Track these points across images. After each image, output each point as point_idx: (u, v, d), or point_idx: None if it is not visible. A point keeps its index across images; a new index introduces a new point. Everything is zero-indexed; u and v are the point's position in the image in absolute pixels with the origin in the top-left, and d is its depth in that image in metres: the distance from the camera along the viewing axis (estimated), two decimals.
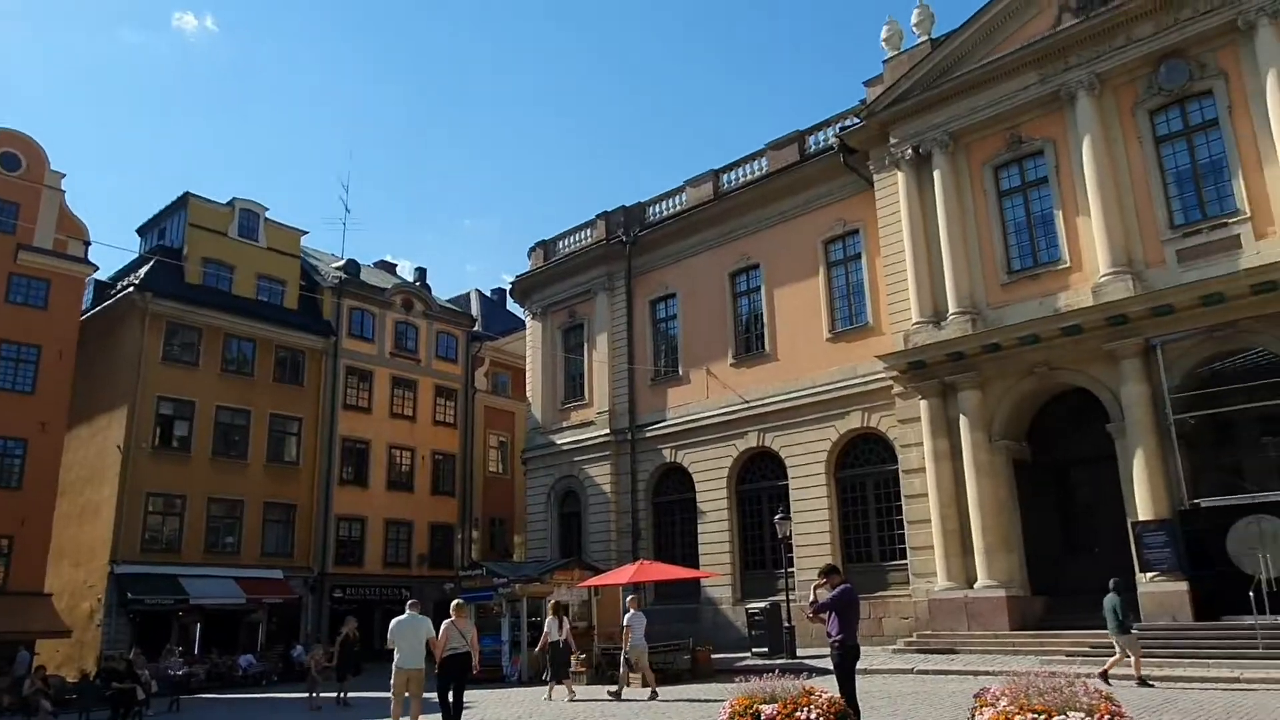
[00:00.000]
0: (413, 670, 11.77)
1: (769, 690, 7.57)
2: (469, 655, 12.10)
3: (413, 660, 11.78)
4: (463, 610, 12.26)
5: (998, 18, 20.99)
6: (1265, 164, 17.21)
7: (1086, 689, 7.04)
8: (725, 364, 26.89)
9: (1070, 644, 17.39)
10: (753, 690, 7.68)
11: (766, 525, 24.51)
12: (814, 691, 7.66)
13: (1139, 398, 17.92)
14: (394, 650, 11.95)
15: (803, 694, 7.48)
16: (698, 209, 28.27)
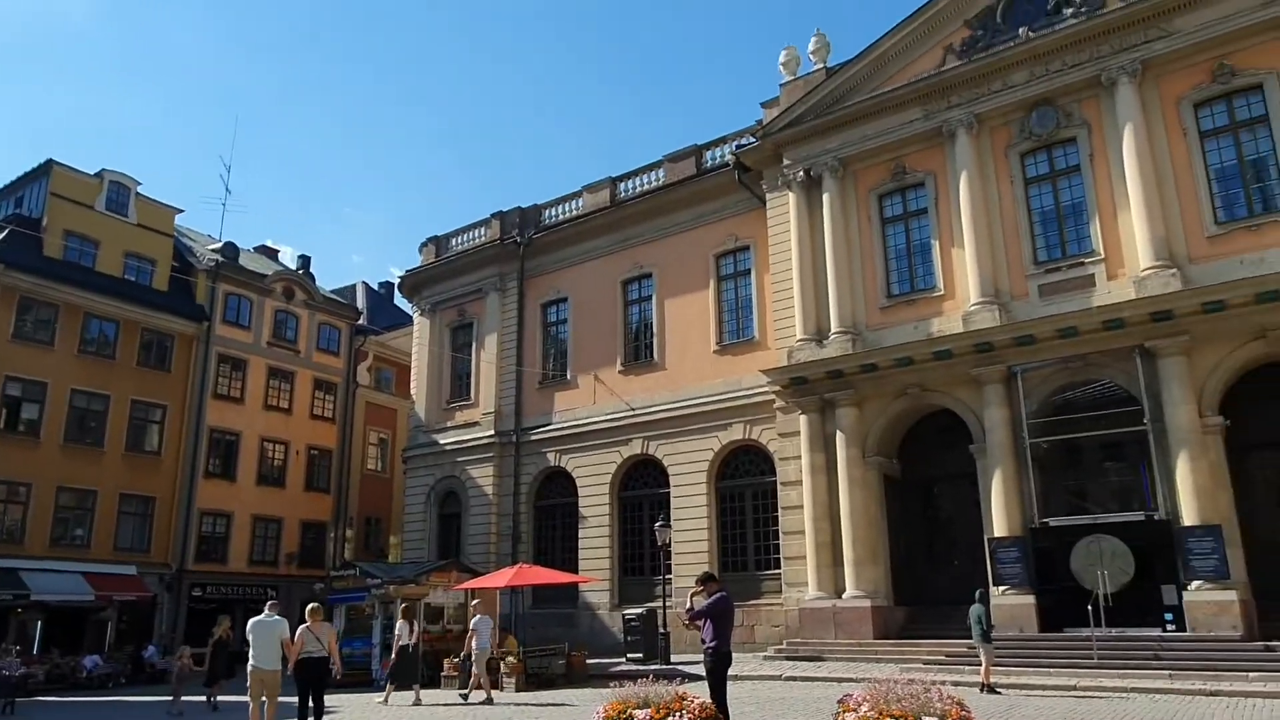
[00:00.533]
0: (268, 672, 11.48)
1: (642, 695, 7.69)
2: (326, 659, 11.85)
3: (268, 662, 11.49)
4: (318, 613, 12.04)
5: (888, 53, 22.00)
6: (1119, 210, 18.63)
7: (941, 695, 7.47)
8: (614, 371, 27.09)
9: (928, 652, 18.30)
10: (626, 695, 7.79)
11: (647, 532, 24.79)
12: (686, 697, 7.83)
13: (1000, 421, 19.04)
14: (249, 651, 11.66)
15: (675, 699, 7.64)
16: (594, 215, 28.42)
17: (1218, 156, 18.20)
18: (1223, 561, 16.22)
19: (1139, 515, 17.73)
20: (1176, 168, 18.27)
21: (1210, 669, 14.91)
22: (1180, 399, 17.08)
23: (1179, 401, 17.08)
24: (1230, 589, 16.06)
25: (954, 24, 21.26)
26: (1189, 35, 18.26)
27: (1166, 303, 17.23)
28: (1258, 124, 17.83)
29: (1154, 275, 17.68)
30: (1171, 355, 17.31)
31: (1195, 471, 16.73)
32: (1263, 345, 16.84)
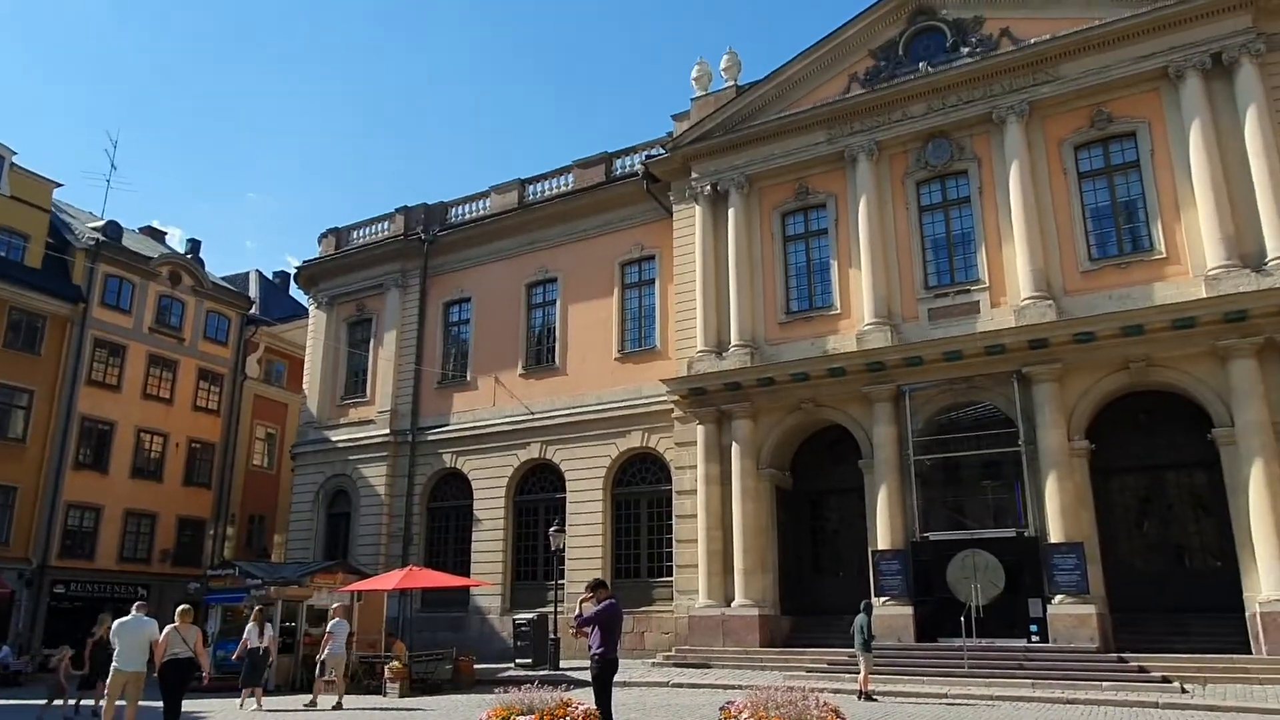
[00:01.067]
0: (132, 673, 11.20)
1: (526, 701, 7.69)
2: (192, 662, 11.64)
3: (132, 663, 11.20)
4: (188, 615, 11.90)
5: (796, 76, 22.63)
6: (1004, 242, 19.64)
7: (818, 703, 7.74)
8: (514, 373, 26.92)
9: (811, 660, 18.83)
10: (510, 701, 7.77)
11: (541, 537, 24.69)
12: (571, 703, 7.86)
13: (887, 438, 19.77)
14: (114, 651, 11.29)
15: (559, 705, 7.66)
16: (501, 216, 28.22)
17: (1094, 197, 19.42)
18: (1083, 577, 17.24)
19: (1010, 532, 18.69)
20: (1056, 205, 19.39)
21: (1069, 678, 15.81)
22: (1051, 423, 18.10)
23: (1050, 425, 18.10)
24: (1089, 603, 17.08)
25: (859, 53, 22.04)
26: (1072, 81, 19.43)
27: (1042, 331, 18.25)
28: (1130, 169, 19.10)
29: (1032, 305, 18.70)
30: (1045, 381, 18.33)
31: (1062, 492, 17.74)
32: (1126, 375, 18.01)
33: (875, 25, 21.88)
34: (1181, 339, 17.30)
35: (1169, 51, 18.45)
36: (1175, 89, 18.42)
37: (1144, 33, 18.74)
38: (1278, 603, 15.61)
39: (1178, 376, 17.62)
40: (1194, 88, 18.06)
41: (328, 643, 17.17)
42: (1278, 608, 15.58)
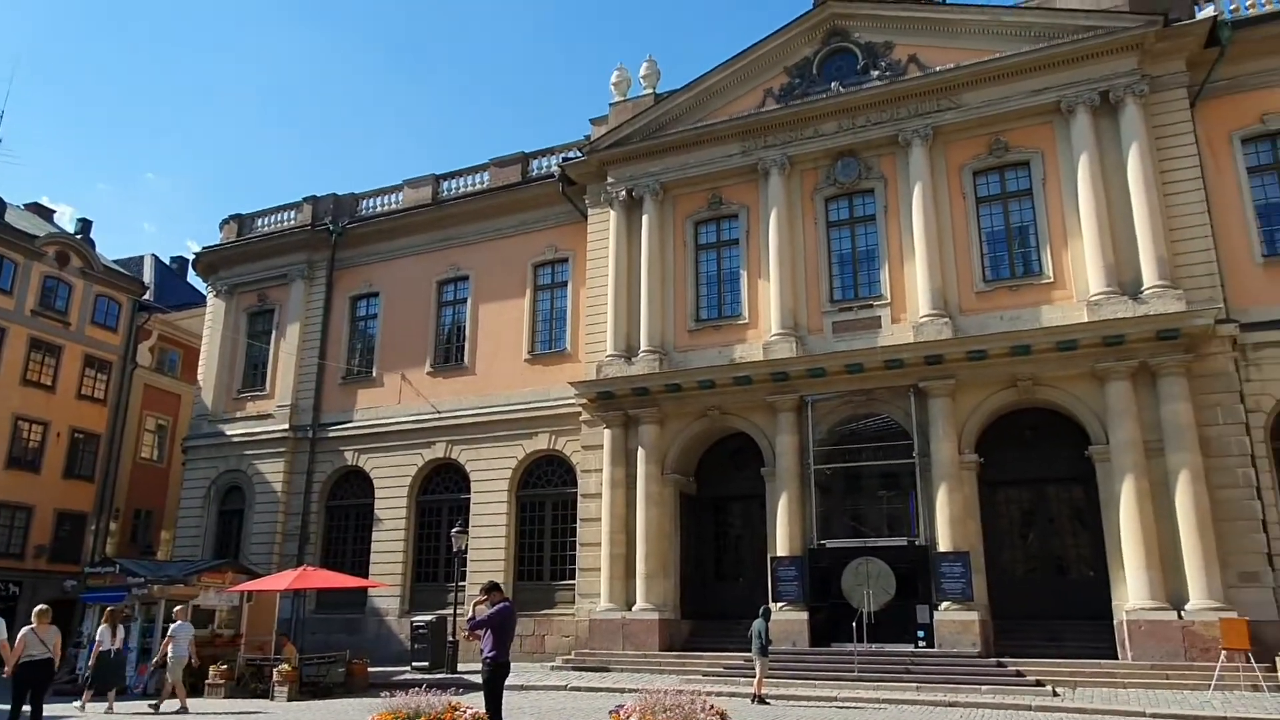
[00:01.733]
0: None
1: (413, 706, 7.60)
2: (50, 663, 11.22)
3: None
4: (45, 616, 11.59)
5: (714, 88, 22.97)
6: (905, 260, 20.34)
7: (705, 705, 7.88)
8: (422, 371, 26.51)
9: (708, 664, 19.08)
10: (397, 705, 7.66)
11: (444, 538, 24.37)
12: (459, 707, 7.81)
13: (789, 447, 20.22)
14: None
15: (447, 709, 7.60)
16: (414, 211, 27.78)
17: (990, 221, 20.28)
18: (968, 585, 17.97)
19: (903, 541, 19.34)
20: (955, 227, 20.18)
21: (952, 682, 16.46)
22: (944, 436, 18.82)
23: (943, 438, 18.81)
24: (973, 610, 17.81)
25: (775, 69, 22.51)
26: (974, 110, 20.28)
27: (938, 348, 18.96)
28: (1024, 196, 20.02)
29: (930, 322, 19.41)
30: (940, 396, 19.05)
31: (952, 503, 18.46)
32: (1014, 393, 18.87)
33: (791, 43, 22.39)
34: (1064, 360, 18.22)
35: (1062, 87, 19.43)
36: (1067, 123, 19.41)
37: (1039, 68, 19.69)
38: (1142, 611, 16.56)
39: (1060, 395, 18.55)
40: (1083, 123, 19.06)
41: (168, 645, 16.60)
42: (1142, 616, 16.53)
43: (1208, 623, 15.90)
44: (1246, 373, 17.52)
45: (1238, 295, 17.86)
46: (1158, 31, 18.65)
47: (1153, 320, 17.34)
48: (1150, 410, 17.52)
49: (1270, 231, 18.33)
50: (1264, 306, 17.70)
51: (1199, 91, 18.94)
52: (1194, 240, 18.15)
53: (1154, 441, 17.31)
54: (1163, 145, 18.74)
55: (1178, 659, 16.01)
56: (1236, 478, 16.91)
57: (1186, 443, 16.92)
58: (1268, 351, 17.47)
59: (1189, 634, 16.08)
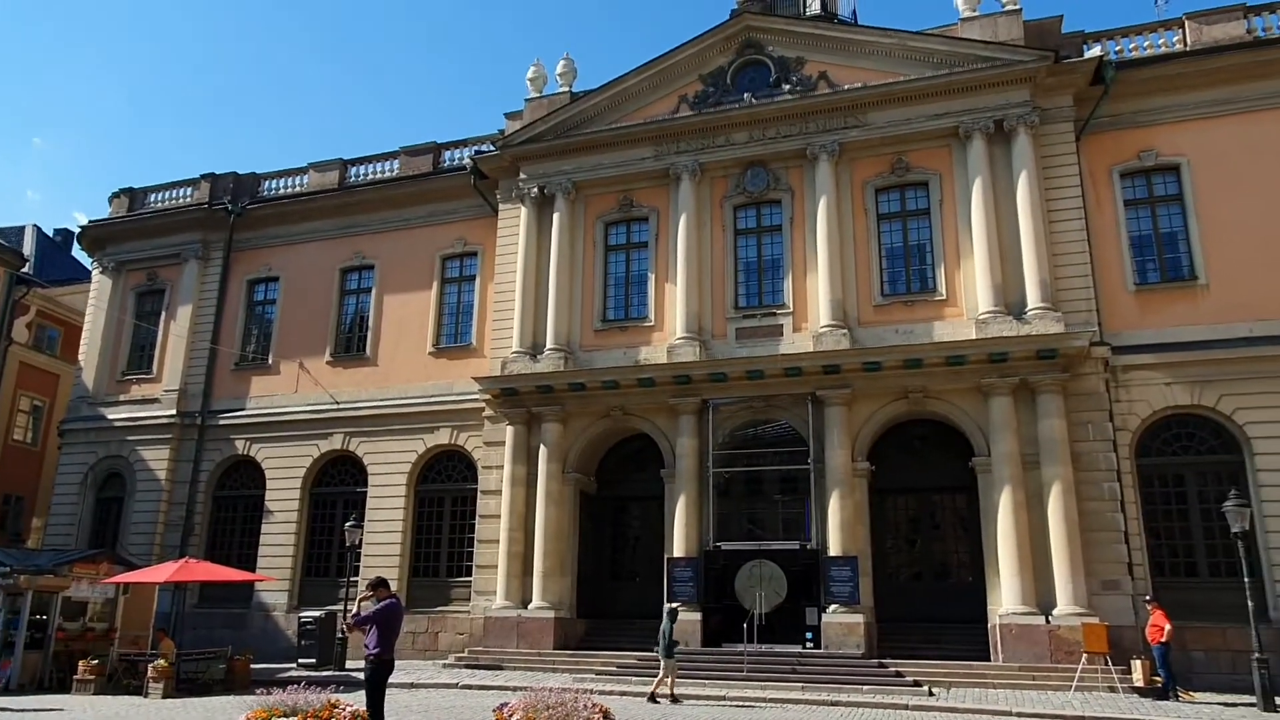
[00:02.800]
0: None
1: (290, 703, 7.45)
2: None
3: None
4: None
5: (629, 90, 23.12)
6: (808, 271, 20.89)
7: (590, 704, 7.96)
8: (321, 360, 25.85)
9: (601, 663, 19.21)
10: (273, 703, 7.49)
11: (337, 532, 23.82)
12: (339, 704, 7.69)
13: (690, 450, 20.52)
14: None
15: (326, 707, 7.48)
16: (319, 195, 27.07)
17: (889, 237, 21.02)
18: (856, 589, 18.59)
19: (795, 544, 19.86)
20: (857, 241, 20.83)
21: (835, 682, 17.01)
22: (839, 444, 19.42)
23: (837, 446, 19.41)
24: (859, 613, 18.44)
25: (690, 76, 22.80)
26: (878, 129, 20.98)
27: (836, 358, 19.55)
28: (922, 215, 20.83)
29: (829, 332, 20.00)
30: (836, 405, 19.65)
31: (843, 509, 19.07)
32: (905, 404, 19.61)
33: (707, 52, 22.72)
34: (953, 374, 19.04)
35: (960, 113, 20.29)
36: (964, 147, 20.27)
37: (940, 94, 20.52)
38: (1014, 616, 17.45)
39: (948, 408, 19.37)
40: (979, 149, 19.95)
41: None
42: (1013, 620, 17.42)
43: (1072, 627, 16.87)
44: (1116, 393, 18.64)
45: (1111, 320, 19.00)
46: (1049, 67, 19.69)
47: (1034, 340, 18.29)
48: (1029, 425, 18.46)
49: (1142, 262, 19.56)
50: (1134, 331, 18.88)
51: (1084, 126, 20.07)
52: (1074, 266, 19.23)
53: (1031, 455, 18.26)
54: (1050, 175, 19.78)
55: (1044, 661, 16.94)
56: (1103, 491, 17.99)
57: (1059, 457, 17.90)
58: (1136, 374, 18.64)
59: (1055, 638, 17.02)
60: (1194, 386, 18.27)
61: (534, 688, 8.42)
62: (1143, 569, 17.77)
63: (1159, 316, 18.91)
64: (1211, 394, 18.15)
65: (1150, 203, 19.88)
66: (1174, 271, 19.30)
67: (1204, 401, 18.21)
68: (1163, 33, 20.66)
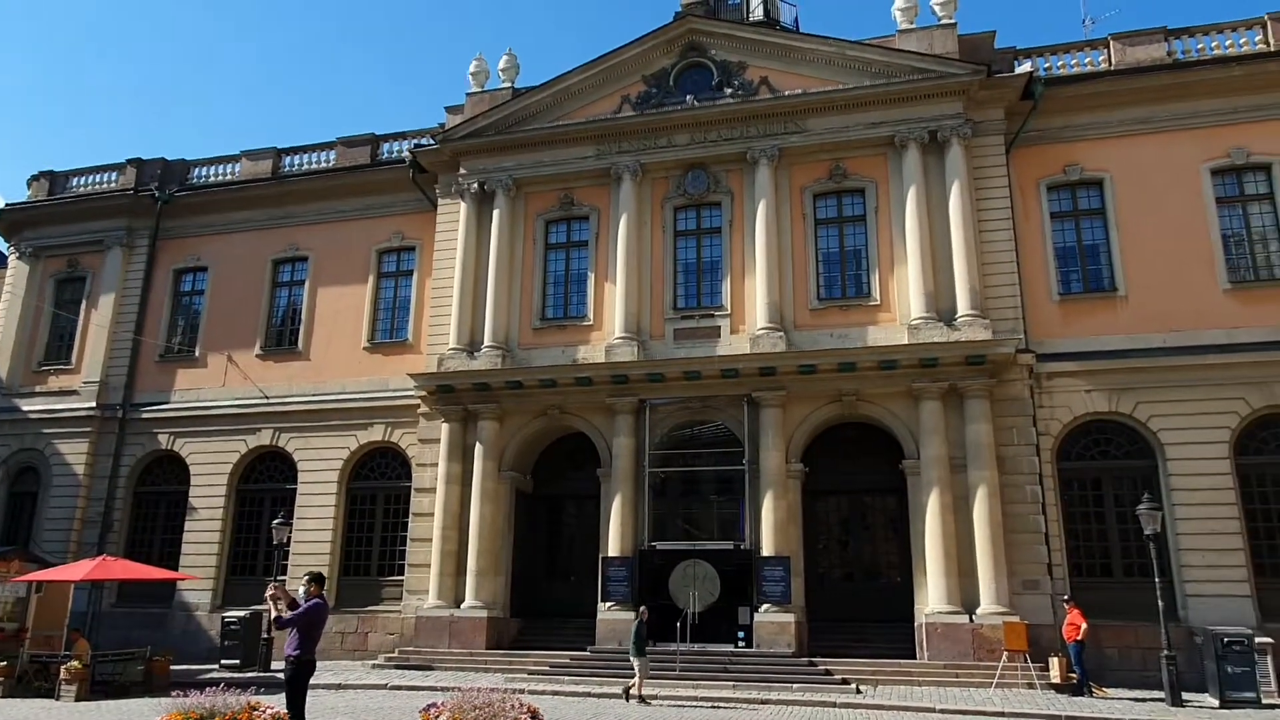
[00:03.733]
0: None
1: (208, 705, 7.25)
2: None
3: None
4: None
5: (572, 88, 23.06)
6: (747, 274, 21.10)
7: (517, 704, 7.93)
8: (251, 354, 25.21)
9: (534, 663, 19.14)
10: (189, 705, 7.29)
11: (265, 529, 23.25)
12: (259, 707, 7.52)
13: (626, 449, 20.56)
14: None
15: (245, 709, 7.30)
16: (251, 184, 26.40)
17: (826, 242, 21.35)
18: (788, 588, 18.86)
19: (729, 544, 20.05)
20: (795, 245, 21.10)
21: (766, 680, 17.23)
22: (773, 445, 19.66)
23: (772, 447, 19.65)
24: (790, 612, 18.70)
25: (633, 77, 22.84)
26: (817, 136, 21.30)
27: (772, 360, 19.79)
28: (858, 221, 21.19)
29: (766, 335, 20.22)
30: (771, 406, 19.89)
31: (776, 509, 19.31)
32: (839, 407, 19.95)
33: (650, 53, 22.78)
34: (885, 378, 19.43)
35: (896, 123, 20.72)
36: (899, 156, 20.69)
37: (877, 103, 20.92)
38: (939, 615, 17.90)
39: (880, 412, 19.76)
40: (914, 158, 20.39)
41: None
42: (939, 619, 17.87)
43: (994, 626, 17.37)
44: (1039, 399, 19.25)
45: (1036, 328, 19.61)
46: (981, 81, 20.23)
47: (963, 346, 18.77)
48: (956, 429, 18.94)
49: (1066, 273, 20.22)
50: (1057, 340, 19.51)
51: (1014, 139, 20.67)
52: (1002, 275, 19.79)
53: (958, 458, 18.73)
54: (980, 185, 20.33)
55: (967, 659, 17.40)
56: (1026, 494, 18.56)
57: (985, 460, 18.41)
58: (1058, 381, 19.27)
59: (978, 636, 17.50)
60: (1112, 394, 18.97)
61: (463, 688, 8.32)
62: (1062, 569, 18.37)
63: (1081, 326, 19.58)
64: (1128, 401, 18.86)
65: (1075, 215, 20.57)
66: (1095, 283, 19.99)
67: (1121, 408, 18.92)
68: (1089, 52, 21.40)
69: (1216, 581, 17.51)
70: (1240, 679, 15.35)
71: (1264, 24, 20.25)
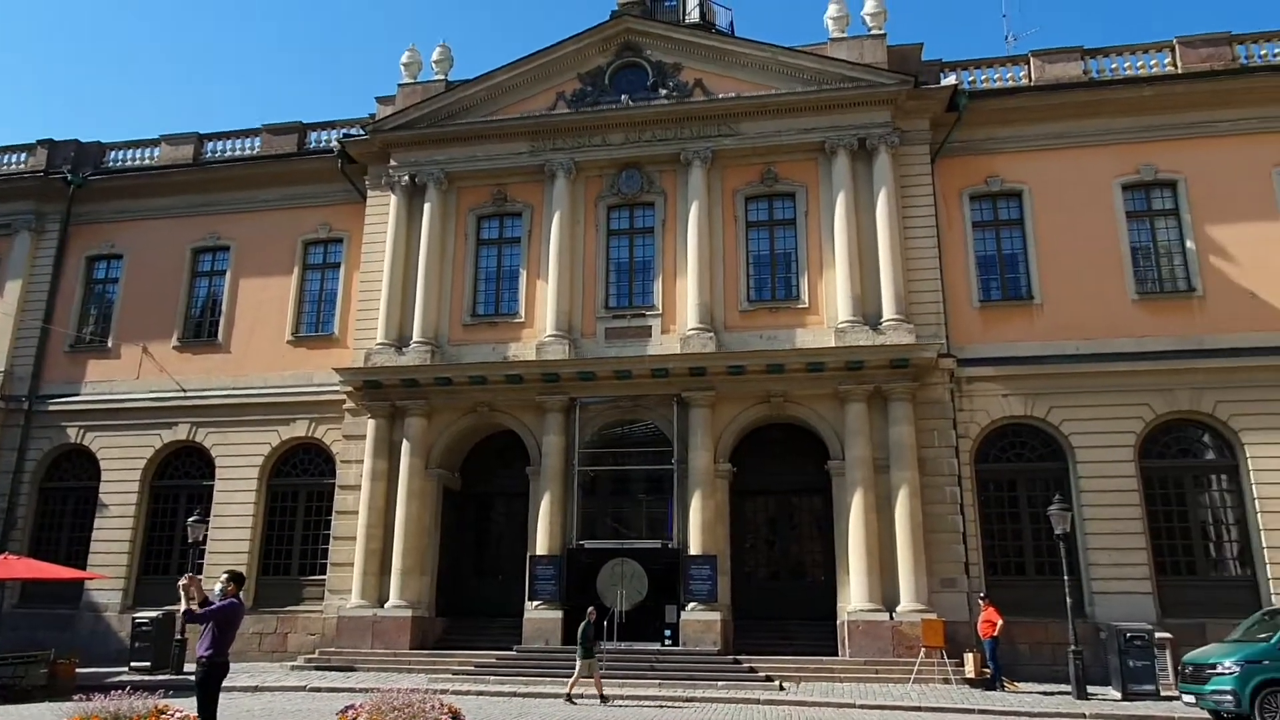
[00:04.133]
0: None
1: (113, 709, 6.99)
2: None
3: None
4: None
5: (507, 84, 22.88)
6: (679, 274, 21.23)
7: (438, 704, 7.84)
8: (168, 345, 24.38)
9: (459, 663, 18.93)
10: (93, 710, 7.02)
11: (180, 527, 22.51)
12: (167, 710, 7.29)
13: (556, 447, 20.50)
14: None
15: (153, 713, 7.06)
16: (171, 170, 25.54)
17: (757, 245, 21.61)
18: (715, 587, 19.05)
19: (657, 543, 20.16)
20: (726, 247, 21.31)
21: (691, 678, 17.38)
22: (702, 445, 19.83)
23: (701, 447, 19.81)
24: (716, 610, 18.89)
25: (569, 74, 22.76)
26: (750, 139, 21.55)
27: (702, 361, 19.95)
28: (788, 225, 21.49)
29: (696, 336, 20.38)
30: (701, 407, 20.05)
31: (704, 509, 19.48)
32: (767, 408, 20.22)
33: (586, 51, 22.74)
34: (813, 380, 19.77)
35: (827, 129, 21.09)
36: (830, 162, 21.06)
37: (809, 109, 21.28)
38: (861, 613, 18.29)
39: (806, 413, 20.10)
40: (843, 164, 20.78)
41: None
42: (860, 617, 18.26)
43: (913, 623, 17.83)
44: (959, 402, 19.82)
45: (957, 334, 20.18)
46: (909, 91, 20.74)
47: (888, 350, 19.21)
48: (880, 431, 19.37)
49: (986, 280, 20.87)
50: (977, 345, 20.12)
51: (939, 149, 21.24)
52: (926, 281, 20.33)
53: (882, 459, 19.16)
54: (906, 193, 20.82)
55: (887, 655, 17.82)
56: (945, 495, 19.09)
57: (907, 462, 18.88)
58: (978, 385, 19.87)
59: (897, 633, 17.94)
60: (1028, 398, 19.64)
61: (384, 689, 8.19)
62: (978, 568, 18.95)
63: (999, 332, 20.23)
64: (1042, 406, 19.56)
65: (995, 225, 21.23)
66: (1013, 291, 20.68)
67: (1035, 412, 19.61)
68: (1011, 68, 22.12)
69: (1121, 579, 18.30)
70: (1141, 672, 16.05)
71: (1173, 47, 21.20)
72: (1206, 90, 20.47)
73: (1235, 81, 20.46)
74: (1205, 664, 13.77)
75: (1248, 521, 18.56)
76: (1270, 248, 19.53)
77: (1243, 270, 19.54)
